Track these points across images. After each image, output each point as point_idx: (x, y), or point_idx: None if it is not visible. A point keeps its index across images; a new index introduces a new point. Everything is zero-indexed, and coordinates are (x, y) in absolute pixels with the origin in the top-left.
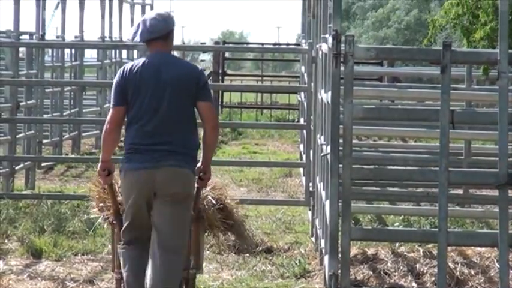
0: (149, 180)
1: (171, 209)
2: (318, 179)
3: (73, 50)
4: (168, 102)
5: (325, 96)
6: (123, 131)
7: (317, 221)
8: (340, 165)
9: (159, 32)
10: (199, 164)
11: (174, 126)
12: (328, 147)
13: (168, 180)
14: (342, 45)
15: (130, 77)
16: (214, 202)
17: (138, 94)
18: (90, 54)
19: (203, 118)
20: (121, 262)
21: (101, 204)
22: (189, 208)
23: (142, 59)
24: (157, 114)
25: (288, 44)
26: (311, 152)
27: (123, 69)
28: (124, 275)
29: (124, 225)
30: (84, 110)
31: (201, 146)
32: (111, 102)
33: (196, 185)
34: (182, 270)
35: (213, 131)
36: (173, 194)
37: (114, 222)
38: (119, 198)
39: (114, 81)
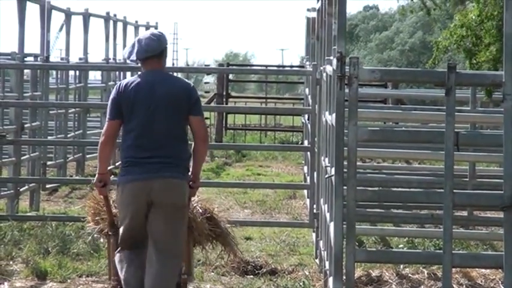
0: (146, 190)
1: (168, 218)
2: (322, 201)
3: (77, 72)
4: (162, 117)
5: (329, 118)
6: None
7: (321, 243)
8: (345, 187)
9: (154, 50)
10: (189, 174)
11: (167, 140)
12: (333, 169)
13: (164, 190)
14: (347, 67)
15: (125, 93)
16: (201, 211)
17: (132, 109)
18: (95, 76)
19: (194, 131)
20: (118, 266)
21: (96, 218)
22: (184, 217)
23: (138, 76)
24: (151, 128)
25: (292, 66)
26: (315, 174)
27: (119, 85)
28: (122, 276)
29: (121, 235)
30: (88, 132)
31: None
32: (107, 116)
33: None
34: (177, 275)
35: (203, 143)
36: (169, 203)
37: (110, 233)
38: (114, 210)
39: (110, 96)
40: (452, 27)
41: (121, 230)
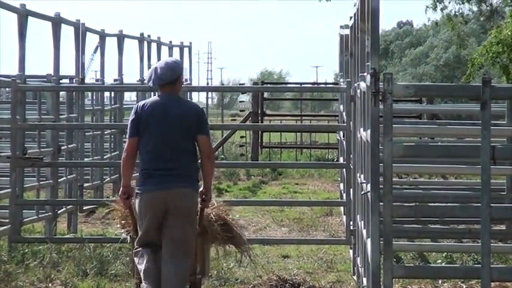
0: (161, 200)
1: (179, 222)
2: (358, 217)
3: (113, 93)
4: (174, 134)
5: (364, 134)
6: None
7: (359, 260)
8: (381, 203)
9: (167, 79)
10: (201, 189)
11: (179, 154)
12: (369, 185)
13: (178, 198)
14: (381, 83)
15: (142, 113)
16: (215, 219)
17: (148, 128)
18: (130, 97)
19: (200, 148)
20: (136, 260)
21: (123, 222)
22: (193, 223)
23: (153, 99)
24: (164, 144)
25: (326, 83)
26: (351, 190)
27: (137, 106)
28: (142, 267)
29: (139, 237)
30: None
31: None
32: (127, 135)
33: (200, 205)
34: (189, 272)
35: (208, 159)
36: (181, 208)
37: (134, 237)
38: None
39: (130, 117)
40: (487, 43)
41: (139, 232)
